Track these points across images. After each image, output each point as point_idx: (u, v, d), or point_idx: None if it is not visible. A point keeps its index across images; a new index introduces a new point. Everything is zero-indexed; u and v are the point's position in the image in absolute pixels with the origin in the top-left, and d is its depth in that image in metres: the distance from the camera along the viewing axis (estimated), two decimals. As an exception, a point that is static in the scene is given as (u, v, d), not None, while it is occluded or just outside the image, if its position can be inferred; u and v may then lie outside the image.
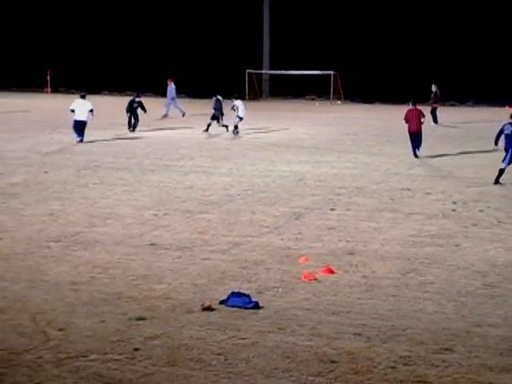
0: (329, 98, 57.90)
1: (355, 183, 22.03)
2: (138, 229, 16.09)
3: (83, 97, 31.55)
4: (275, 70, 60.19)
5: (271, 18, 61.13)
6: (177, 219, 17.06)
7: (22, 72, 63.73)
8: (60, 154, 27.53)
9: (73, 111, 30.92)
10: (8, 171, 23.43)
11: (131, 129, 34.64)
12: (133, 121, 34.86)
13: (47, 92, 62.76)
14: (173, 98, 43.33)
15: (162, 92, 46.90)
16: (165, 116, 42.32)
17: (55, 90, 62.47)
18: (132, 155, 27.24)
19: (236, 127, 34.80)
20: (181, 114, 42.00)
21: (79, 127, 30.58)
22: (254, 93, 60.31)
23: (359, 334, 10.12)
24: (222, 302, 11.27)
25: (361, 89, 57.09)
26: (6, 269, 13.06)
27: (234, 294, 11.40)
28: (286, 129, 37.45)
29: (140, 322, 10.48)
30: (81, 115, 30.67)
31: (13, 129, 35.26)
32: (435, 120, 38.93)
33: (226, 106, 35.66)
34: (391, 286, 12.28)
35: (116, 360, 9.22)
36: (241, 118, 34.74)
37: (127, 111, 34.93)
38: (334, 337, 10.03)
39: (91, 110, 30.85)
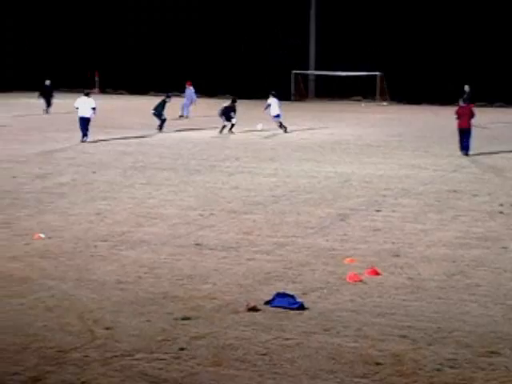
0: (375, 99, 57.64)
1: (401, 184, 21.92)
2: (184, 229, 16.18)
3: (87, 95, 32.23)
4: (321, 70, 60.05)
5: (317, 19, 61.02)
6: (222, 219, 17.12)
7: (71, 73, 64.29)
8: (107, 154, 27.78)
9: (77, 108, 31.67)
10: (56, 171, 23.72)
11: (160, 129, 34.94)
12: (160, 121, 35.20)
13: (96, 93, 63.27)
14: (191, 102, 43.57)
15: (207, 94, 46.94)
16: (187, 117, 42.64)
17: (103, 90, 63.01)
18: (178, 156, 27.40)
19: (281, 125, 35.05)
20: (182, 115, 42.50)
21: (82, 124, 31.21)
22: (299, 93, 60.25)
23: (405, 336, 10.07)
24: (267, 303, 11.28)
25: (407, 90, 56.73)
26: (54, 267, 13.23)
27: (278, 295, 11.41)
28: (332, 129, 37.39)
29: (185, 322, 10.54)
30: (83, 112, 31.38)
31: (61, 129, 35.66)
32: None
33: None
34: (437, 288, 12.21)
35: (161, 359, 9.28)
36: (276, 116, 35.04)
37: (161, 112, 35.10)
38: (379, 338, 9.99)
39: (93, 108, 31.44)
